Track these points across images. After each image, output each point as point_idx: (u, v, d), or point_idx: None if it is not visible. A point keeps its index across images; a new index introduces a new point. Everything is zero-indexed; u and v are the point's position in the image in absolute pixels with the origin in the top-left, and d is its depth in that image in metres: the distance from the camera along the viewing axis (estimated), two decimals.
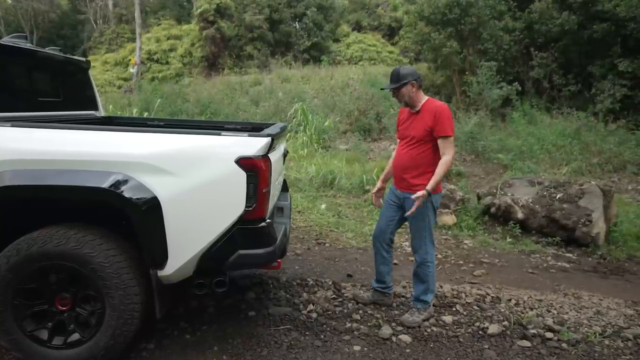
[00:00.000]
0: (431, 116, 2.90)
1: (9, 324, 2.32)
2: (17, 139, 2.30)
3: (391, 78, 3.00)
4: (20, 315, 2.34)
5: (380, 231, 3.25)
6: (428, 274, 3.11)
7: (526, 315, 3.30)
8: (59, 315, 2.39)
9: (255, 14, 18.84)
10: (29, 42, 3.04)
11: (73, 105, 3.40)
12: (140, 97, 13.68)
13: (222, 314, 3.08)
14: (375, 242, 3.30)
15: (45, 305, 2.37)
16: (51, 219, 2.37)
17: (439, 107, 2.94)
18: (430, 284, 3.14)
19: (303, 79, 16.06)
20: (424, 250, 3.08)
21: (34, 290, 2.34)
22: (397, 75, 2.95)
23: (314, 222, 5.62)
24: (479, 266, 4.46)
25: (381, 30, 22.28)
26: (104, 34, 23.36)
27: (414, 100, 2.98)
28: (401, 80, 2.92)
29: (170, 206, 2.29)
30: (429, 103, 2.99)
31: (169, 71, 18.82)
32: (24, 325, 2.35)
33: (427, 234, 3.07)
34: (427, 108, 2.96)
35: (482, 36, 12.50)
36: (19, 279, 2.28)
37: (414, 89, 2.95)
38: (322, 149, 10.34)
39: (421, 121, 2.96)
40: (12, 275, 2.26)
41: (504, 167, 8.92)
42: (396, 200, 3.16)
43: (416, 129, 2.98)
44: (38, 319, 2.38)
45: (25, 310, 2.35)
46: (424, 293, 3.13)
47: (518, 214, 5.44)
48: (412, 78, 2.93)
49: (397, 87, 2.94)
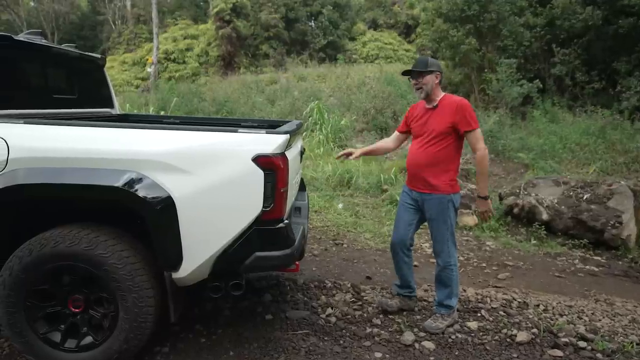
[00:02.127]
0: (452, 111, 2.77)
1: (21, 325, 2.26)
2: (29, 137, 2.24)
3: (417, 63, 2.87)
4: (33, 317, 2.28)
5: (400, 238, 3.04)
6: (452, 277, 2.97)
7: (556, 322, 3.13)
8: (72, 317, 2.32)
9: (271, 13, 18.81)
10: (43, 38, 2.99)
11: (88, 103, 3.36)
12: (157, 96, 13.76)
13: (238, 316, 2.99)
14: (395, 249, 3.09)
15: (58, 307, 2.31)
16: (63, 218, 2.31)
17: (459, 101, 2.81)
18: (454, 288, 3.00)
19: (319, 78, 15.96)
20: (446, 253, 2.94)
21: (46, 292, 2.28)
22: (425, 62, 2.84)
23: (331, 222, 5.51)
24: (503, 269, 4.29)
25: (397, 28, 22.02)
26: (122, 34, 23.63)
27: (434, 92, 2.85)
28: (429, 67, 2.81)
29: (185, 206, 2.21)
30: (447, 98, 2.87)
31: (186, 70, 18.92)
32: (37, 327, 2.29)
33: (450, 236, 2.93)
34: (445, 103, 2.83)
35: (502, 33, 12.20)
36: (32, 280, 2.22)
37: (437, 80, 2.84)
38: (338, 147, 10.22)
39: (440, 116, 2.82)
40: (25, 276, 2.20)
41: (524, 167, 8.68)
42: (413, 202, 3.00)
43: (435, 124, 2.83)
44: (51, 321, 2.32)
45: (38, 312, 2.29)
46: (448, 297, 2.99)
47: (543, 215, 5.24)
48: (437, 69, 2.83)
49: (424, 71, 2.80)
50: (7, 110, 2.45)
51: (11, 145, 2.20)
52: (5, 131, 2.23)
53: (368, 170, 7.74)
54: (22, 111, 2.55)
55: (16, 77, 2.66)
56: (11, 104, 2.51)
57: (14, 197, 2.20)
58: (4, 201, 2.20)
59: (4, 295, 2.22)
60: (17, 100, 2.60)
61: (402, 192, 3.15)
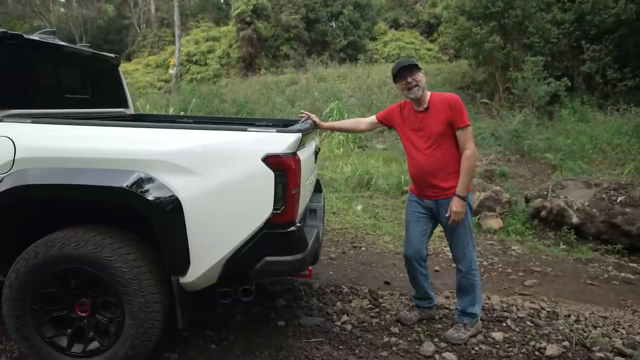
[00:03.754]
0: (445, 108, 2.64)
1: (28, 329, 2.22)
2: (36, 136, 2.19)
3: (406, 61, 2.76)
4: (39, 321, 2.23)
5: (415, 250, 2.85)
6: (475, 283, 2.80)
7: (590, 334, 2.92)
8: (79, 321, 2.27)
9: (291, 14, 18.76)
10: (56, 37, 2.96)
11: (102, 103, 3.32)
12: (179, 97, 13.89)
13: (250, 322, 2.89)
14: (411, 262, 2.88)
15: (65, 310, 2.26)
16: (70, 220, 2.25)
17: (450, 97, 2.68)
18: (477, 294, 2.83)
19: (339, 78, 15.81)
20: (468, 258, 2.78)
21: (53, 295, 2.23)
22: (412, 60, 2.78)
23: (349, 224, 5.38)
24: (530, 275, 4.06)
25: (419, 27, 21.65)
26: (146, 37, 24.02)
27: (425, 93, 2.72)
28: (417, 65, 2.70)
29: (192, 208, 2.12)
30: (435, 96, 2.73)
31: (207, 72, 19.06)
32: (43, 331, 2.24)
33: (469, 239, 2.78)
34: (436, 102, 2.69)
35: (528, 30, 11.81)
36: (38, 283, 2.17)
37: (424, 79, 2.71)
38: (358, 148, 10.09)
39: (435, 117, 2.67)
40: (31, 278, 2.16)
41: (552, 167, 8.36)
42: (425, 211, 2.83)
43: (432, 126, 2.68)
44: (57, 325, 2.27)
45: (45, 316, 2.24)
46: (471, 305, 2.82)
47: (572, 218, 4.97)
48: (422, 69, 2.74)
49: (417, 67, 2.69)
50: (16, 110, 2.41)
51: (18, 145, 2.15)
52: (13, 131, 2.19)
53: (388, 171, 7.58)
54: (31, 111, 2.51)
55: (27, 76, 2.63)
56: (21, 104, 2.48)
57: (20, 198, 2.15)
58: (11, 202, 2.16)
59: (10, 297, 2.18)
60: (28, 99, 2.57)
61: (408, 201, 2.97)
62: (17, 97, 2.47)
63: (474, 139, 9.35)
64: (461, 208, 2.64)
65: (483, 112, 12.64)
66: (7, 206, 2.17)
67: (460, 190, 2.65)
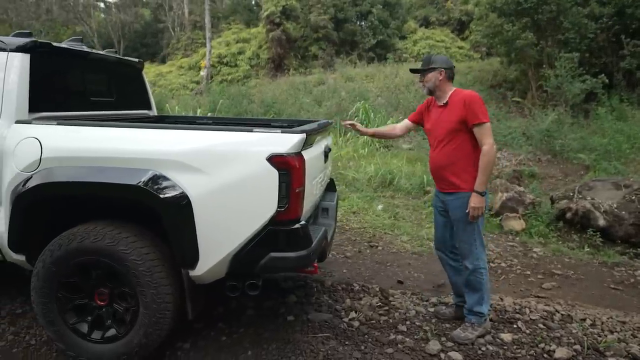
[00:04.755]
0: (461, 105, 2.67)
1: (53, 315, 2.40)
2: (60, 137, 2.37)
3: (423, 62, 2.86)
4: (63, 308, 2.41)
5: (438, 240, 3.05)
6: (482, 281, 2.79)
7: (604, 339, 2.84)
8: (98, 310, 2.43)
9: (320, 14, 18.85)
10: (84, 45, 3.16)
11: (126, 105, 3.51)
12: (209, 98, 14.26)
13: (260, 316, 2.99)
14: (438, 253, 3.09)
15: (86, 299, 2.43)
16: (91, 215, 2.42)
17: (467, 94, 2.70)
18: (485, 293, 2.82)
19: (367, 78, 15.78)
20: (474, 256, 2.78)
21: (75, 285, 2.40)
22: (427, 60, 2.82)
23: (368, 223, 5.41)
24: (549, 278, 3.98)
25: (450, 25, 21.28)
26: (180, 40, 24.73)
27: (439, 89, 2.79)
28: (431, 64, 2.77)
29: (201, 205, 2.23)
30: (456, 93, 2.77)
31: (238, 73, 19.42)
32: (67, 318, 2.41)
33: (477, 237, 2.78)
34: (455, 99, 2.74)
35: (563, 25, 11.41)
36: (62, 273, 2.35)
37: (440, 77, 2.75)
38: (383, 148, 10.06)
39: (451, 113, 2.73)
40: (56, 268, 2.33)
41: (585, 168, 8.08)
42: (442, 205, 2.91)
43: (447, 121, 2.74)
44: (79, 313, 2.44)
45: (68, 303, 2.42)
46: (478, 303, 2.82)
47: (599, 221, 4.81)
48: (440, 65, 2.76)
49: (424, 70, 2.79)
50: (44, 113, 2.60)
51: (44, 145, 2.34)
52: (40, 132, 2.38)
53: (412, 171, 7.54)
54: (58, 113, 2.70)
55: (55, 81, 2.83)
56: (49, 107, 2.67)
57: (45, 194, 2.33)
58: (38, 197, 2.35)
59: (38, 286, 2.37)
60: (56, 103, 2.76)
61: (434, 196, 3.06)
62: (46, 101, 2.66)
63: (504, 139, 9.12)
64: (479, 203, 2.67)
65: (514, 111, 12.33)
66: (35, 201, 2.36)
67: (478, 186, 2.67)
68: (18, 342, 2.67)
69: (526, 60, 12.40)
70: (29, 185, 2.32)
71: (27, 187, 2.32)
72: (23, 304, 3.02)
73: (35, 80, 2.57)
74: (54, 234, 2.38)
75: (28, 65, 2.53)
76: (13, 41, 2.54)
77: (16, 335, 2.72)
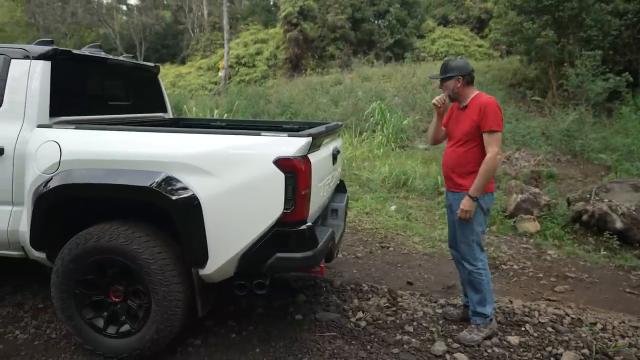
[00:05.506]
0: (477, 110, 2.71)
1: (71, 310, 2.51)
2: (78, 141, 2.48)
3: (440, 69, 2.88)
4: (80, 304, 2.52)
5: (451, 238, 3.08)
6: (481, 282, 2.81)
7: (614, 343, 2.81)
8: (113, 306, 2.54)
9: (337, 14, 18.88)
10: (102, 51, 3.29)
11: (142, 108, 3.63)
12: (226, 99, 14.45)
13: (270, 315, 3.06)
14: (451, 251, 3.13)
15: (102, 295, 2.54)
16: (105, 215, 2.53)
17: (485, 101, 2.72)
18: (487, 294, 2.83)
19: (384, 77, 15.73)
20: (472, 256, 2.81)
21: (92, 281, 2.52)
22: (445, 67, 2.84)
23: (380, 224, 5.43)
24: (562, 281, 3.94)
25: (469, 23, 21.02)
26: (199, 41, 25.12)
27: (460, 95, 2.82)
28: (448, 72, 2.80)
29: (210, 206, 2.31)
30: (476, 98, 2.78)
31: (255, 74, 19.62)
32: (84, 313, 2.53)
33: (475, 238, 2.80)
34: (474, 103, 2.77)
35: (585, 22, 11.16)
36: (79, 270, 2.46)
37: (459, 84, 2.78)
38: (399, 148, 10.04)
39: (468, 117, 2.77)
40: (73, 266, 2.45)
41: (606, 169, 7.91)
42: (450, 203, 2.95)
43: (463, 124, 2.79)
44: (95, 308, 2.55)
45: (85, 299, 2.53)
46: (480, 304, 2.83)
47: (616, 223, 4.72)
48: (458, 73, 2.77)
49: (443, 78, 2.82)
50: (64, 117, 2.73)
51: (63, 148, 2.45)
52: (59, 136, 2.50)
53: (426, 172, 7.52)
54: (77, 117, 2.82)
55: (74, 87, 2.96)
56: (68, 111, 2.80)
57: (64, 194, 2.45)
58: (58, 198, 2.47)
59: (57, 282, 2.49)
60: (75, 107, 2.89)
61: (445, 195, 3.10)
62: (66, 106, 2.78)
63: (522, 139, 8.95)
64: (468, 207, 2.70)
65: (534, 110, 12.11)
66: (55, 202, 2.48)
67: (472, 190, 2.70)
68: (39, 335, 2.80)
69: (547, 59, 12.17)
70: (49, 187, 2.44)
71: (47, 188, 2.44)
72: (45, 299, 3.17)
73: (56, 86, 2.69)
74: (73, 233, 2.50)
75: (49, 72, 2.66)
76: (35, 49, 2.67)
77: (38, 329, 2.86)
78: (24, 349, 2.65)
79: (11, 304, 3.14)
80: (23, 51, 2.67)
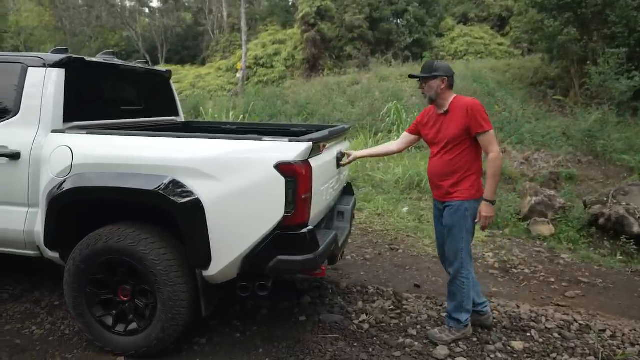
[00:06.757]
0: (463, 113, 2.65)
1: (83, 308, 2.62)
2: (89, 146, 2.58)
3: (423, 68, 2.81)
4: (91, 302, 2.62)
5: (440, 247, 3.04)
6: (462, 290, 2.79)
7: (622, 351, 2.76)
8: (122, 304, 2.63)
9: (355, 14, 18.84)
10: (115, 57, 3.40)
11: (154, 113, 3.73)
12: (244, 100, 14.60)
13: (274, 316, 3.11)
14: (442, 262, 3.08)
15: (111, 294, 2.64)
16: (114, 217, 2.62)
17: (470, 102, 2.68)
18: (465, 302, 2.80)
19: (402, 77, 15.63)
20: (459, 263, 2.78)
21: (102, 281, 2.62)
22: (429, 66, 2.77)
23: (391, 226, 5.43)
24: (574, 286, 3.87)
25: (490, 21, 20.67)
26: (219, 42, 25.46)
27: (441, 97, 2.75)
28: (433, 72, 2.72)
29: (213, 209, 2.37)
30: (457, 101, 2.73)
31: (273, 74, 19.77)
32: (94, 311, 2.63)
33: (464, 246, 2.77)
34: (456, 106, 2.71)
35: (609, 19, 10.85)
36: (90, 270, 2.56)
37: (443, 85, 2.72)
38: (414, 149, 9.96)
39: (453, 121, 2.70)
40: (84, 266, 2.55)
41: (629, 170, 7.69)
42: (438, 213, 2.91)
43: (448, 130, 2.72)
44: (105, 307, 2.65)
45: (95, 298, 2.63)
46: (457, 311, 2.82)
47: (634, 227, 4.61)
48: (443, 73, 2.72)
49: (426, 77, 2.74)
50: (78, 122, 2.84)
51: (75, 152, 2.56)
52: (71, 140, 2.61)
53: None
54: (90, 122, 2.93)
55: (88, 93, 3.07)
56: (82, 116, 2.91)
57: (76, 197, 2.56)
58: (70, 200, 2.57)
59: (69, 281, 2.60)
60: (88, 112, 3.00)
61: (433, 205, 3.04)
62: (79, 111, 2.89)
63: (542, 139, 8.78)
64: (490, 212, 2.68)
65: (555, 109, 11.85)
66: (67, 204, 2.58)
67: (487, 194, 2.68)
68: (54, 331, 2.92)
69: (569, 57, 11.89)
70: (62, 189, 2.55)
71: (60, 190, 2.55)
72: (60, 296, 3.28)
73: (70, 93, 2.80)
74: (84, 233, 2.61)
75: (63, 79, 2.77)
76: (50, 57, 2.79)
77: (53, 325, 2.98)
78: (39, 344, 2.77)
79: (29, 301, 3.28)
80: (39, 59, 2.79)
